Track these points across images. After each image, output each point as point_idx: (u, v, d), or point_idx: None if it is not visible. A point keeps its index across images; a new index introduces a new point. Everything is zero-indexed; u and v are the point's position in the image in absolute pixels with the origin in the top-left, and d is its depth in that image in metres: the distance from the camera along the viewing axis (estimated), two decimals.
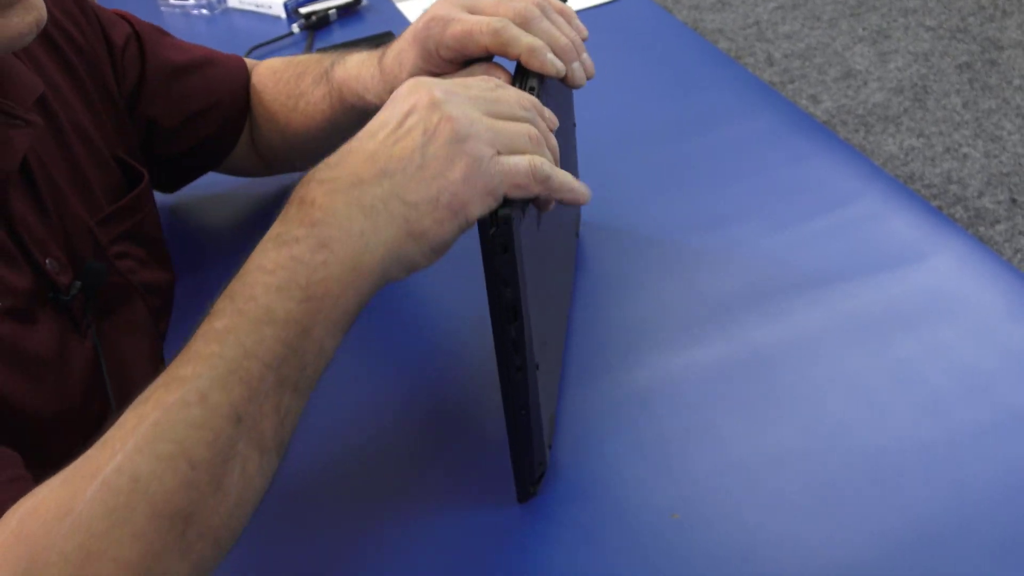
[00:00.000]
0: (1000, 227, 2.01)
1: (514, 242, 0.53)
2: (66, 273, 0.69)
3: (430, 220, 0.51)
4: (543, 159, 0.54)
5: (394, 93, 0.54)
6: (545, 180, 0.54)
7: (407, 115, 0.52)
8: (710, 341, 0.73)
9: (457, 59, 0.67)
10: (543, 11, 0.65)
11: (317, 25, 1.28)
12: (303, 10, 1.31)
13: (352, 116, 0.79)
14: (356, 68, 0.78)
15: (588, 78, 0.67)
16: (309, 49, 1.23)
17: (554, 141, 0.58)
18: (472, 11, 0.65)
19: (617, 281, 0.80)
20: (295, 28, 1.28)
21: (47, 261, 0.68)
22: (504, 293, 0.54)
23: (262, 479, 0.51)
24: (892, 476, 0.62)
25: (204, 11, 1.38)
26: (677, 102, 1.03)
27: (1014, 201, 2.06)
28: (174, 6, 1.40)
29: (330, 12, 1.30)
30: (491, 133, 0.52)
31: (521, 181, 0.53)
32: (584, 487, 0.64)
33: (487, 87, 0.56)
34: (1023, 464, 0.62)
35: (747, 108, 1.01)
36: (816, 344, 0.72)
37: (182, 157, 0.91)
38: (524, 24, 0.64)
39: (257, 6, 1.36)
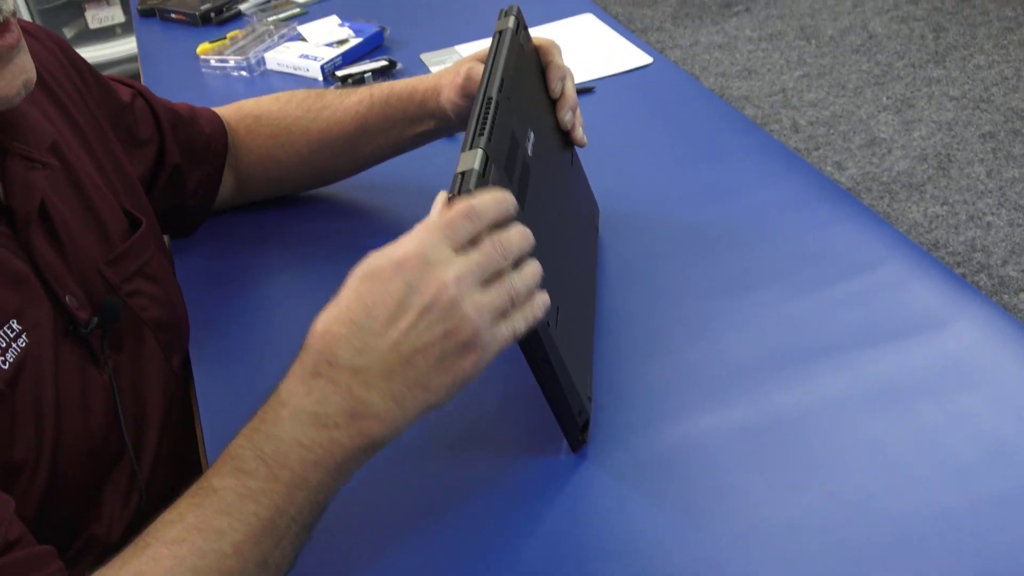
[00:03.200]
0: None
1: None
2: (84, 309, 0.74)
3: (445, 398, 0.59)
4: (519, 320, 0.60)
5: (405, 259, 0.57)
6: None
7: (427, 309, 0.56)
8: (733, 405, 0.74)
9: None
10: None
11: None
12: (340, 73, 1.35)
13: (392, 117, 0.97)
14: (422, 80, 0.95)
15: (581, 140, 0.88)
16: None
17: (531, 269, 0.62)
18: None
19: (642, 343, 0.82)
20: None
21: (67, 297, 0.72)
22: None
23: None
24: (914, 543, 0.62)
25: (244, 73, 1.42)
26: (703, 167, 1.05)
27: None
28: (215, 68, 1.44)
29: (366, 75, 1.34)
30: (491, 315, 0.58)
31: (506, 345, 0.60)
32: (608, 549, 0.64)
33: (483, 256, 0.58)
34: None
35: (772, 174, 1.03)
36: (839, 410, 0.72)
37: (190, 197, 1.00)
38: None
39: (295, 69, 1.40)
